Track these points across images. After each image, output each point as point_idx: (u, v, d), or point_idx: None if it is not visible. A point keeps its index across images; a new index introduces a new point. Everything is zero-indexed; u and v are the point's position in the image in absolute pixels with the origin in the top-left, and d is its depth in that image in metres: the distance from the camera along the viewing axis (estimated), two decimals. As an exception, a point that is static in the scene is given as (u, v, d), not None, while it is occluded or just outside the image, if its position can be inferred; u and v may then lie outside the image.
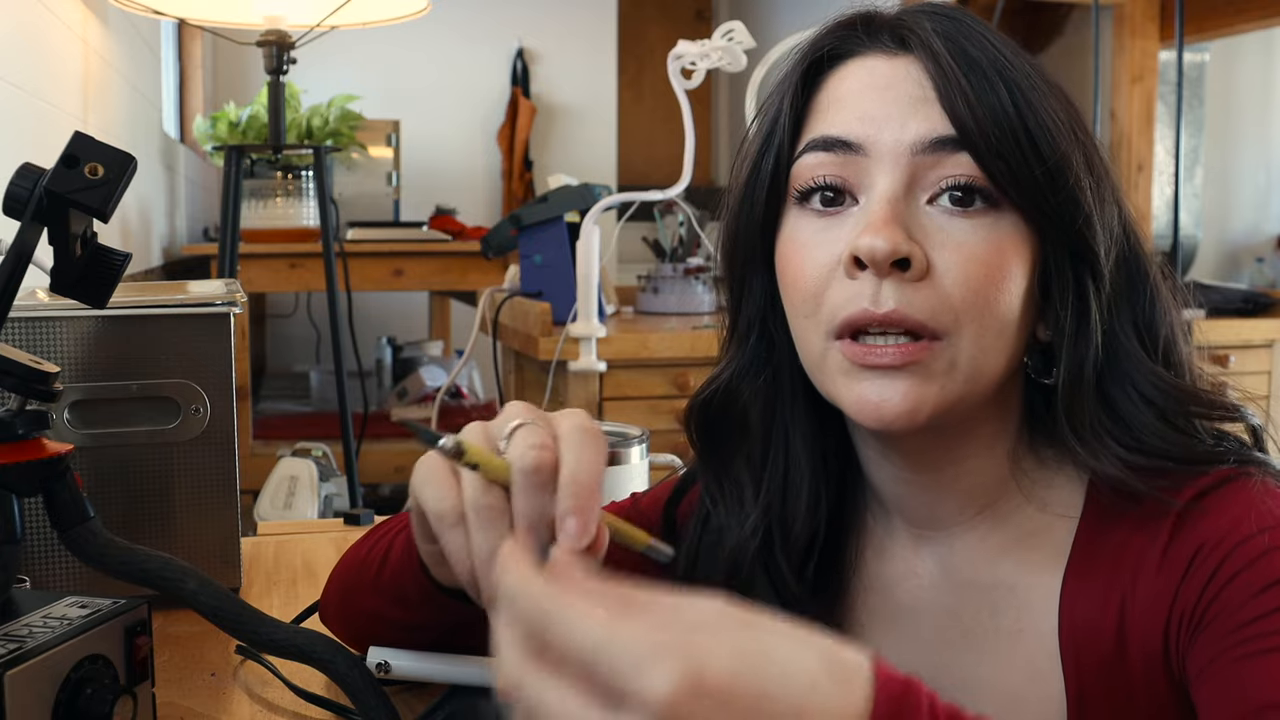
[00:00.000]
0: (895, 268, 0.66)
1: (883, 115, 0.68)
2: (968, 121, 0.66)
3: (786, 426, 0.76)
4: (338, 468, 2.54)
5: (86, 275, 0.74)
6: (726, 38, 1.72)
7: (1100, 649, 0.67)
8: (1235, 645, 0.60)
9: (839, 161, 0.69)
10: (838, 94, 0.71)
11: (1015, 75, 0.67)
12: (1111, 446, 0.67)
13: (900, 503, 0.76)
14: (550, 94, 4.80)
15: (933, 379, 0.67)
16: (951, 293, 0.66)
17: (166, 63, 3.62)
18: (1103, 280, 0.69)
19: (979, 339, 0.67)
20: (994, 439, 0.72)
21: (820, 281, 0.69)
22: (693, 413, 0.79)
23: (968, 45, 0.68)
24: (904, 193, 0.67)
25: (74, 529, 0.70)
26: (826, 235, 0.69)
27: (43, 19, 1.69)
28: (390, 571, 0.74)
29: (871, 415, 0.67)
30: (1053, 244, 0.68)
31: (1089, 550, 0.69)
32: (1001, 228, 0.67)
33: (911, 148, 0.67)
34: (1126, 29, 4.22)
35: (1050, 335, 0.70)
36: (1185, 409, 0.69)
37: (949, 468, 0.73)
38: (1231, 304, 3.20)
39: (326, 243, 2.40)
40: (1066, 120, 0.68)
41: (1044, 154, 0.66)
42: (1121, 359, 0.69)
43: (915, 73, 0.68)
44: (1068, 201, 0.67)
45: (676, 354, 2.46)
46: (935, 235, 0.67)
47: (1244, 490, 0.65)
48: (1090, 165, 0.69)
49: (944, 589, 0.75)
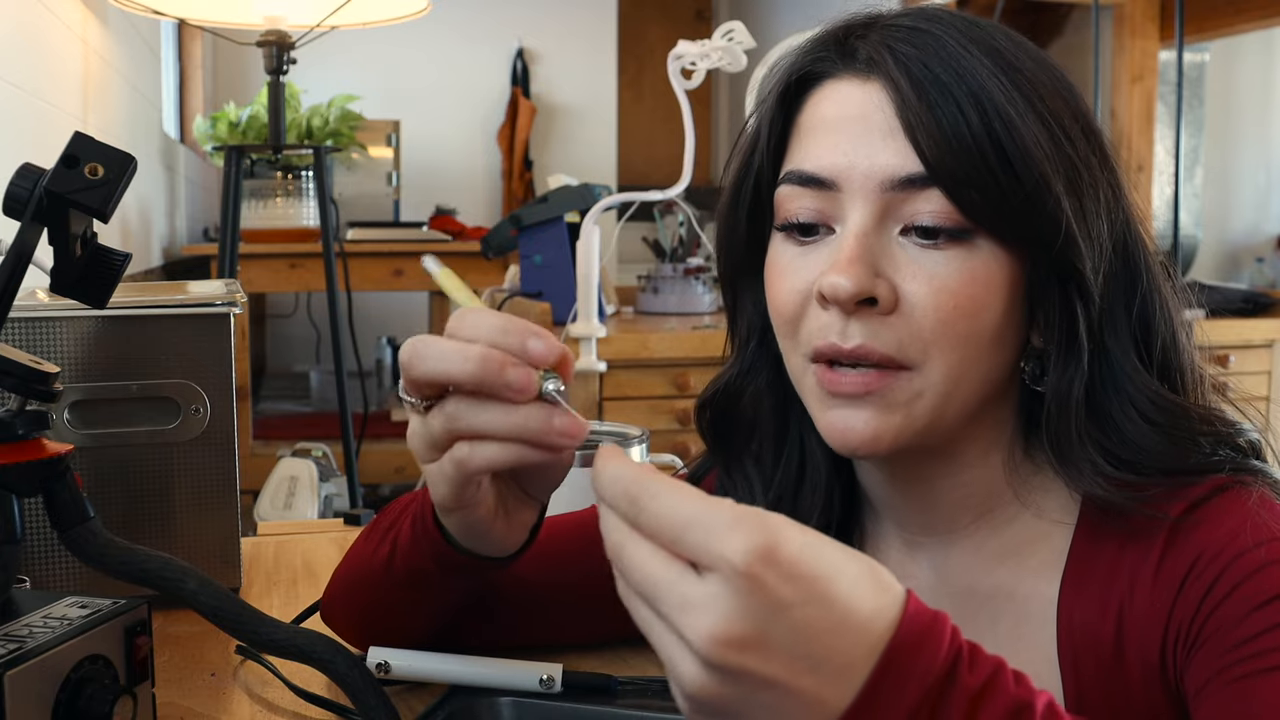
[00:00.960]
0: (862, 304, 0.66)
1: (853, 149, 0.67)
2: (934, 155, 0.65)
3: (801, 422, 0.77)
4: (338, 468, 2.54)
5: (86, 275, 0.74)
6: (726, 38, 1.71)
7: (1099, 657, 0.67)
8: (1234, 664, 0.60)
9: (814, 195, 0.69)
10: (813, 121, 0.70)
11: (992, 94, 0.65)
12: (1100, 465, 0.67)
13: (893, 510, 0.76)
14: (550, 94, 4.80)
15: (894, 409, 0.67)
16: (922, 324, 0.66)
17: (166, 63, 3.62)
18: (1090, 296, 0.67)
19: (952, 369, 0.66)
20: (987, 450, 0.72)
21: (796, 309, 0.69)
22: (700, 411, 0.81)
23: (937, 67, 0.66)
24: (875, 226, 0.67)
25: (74, 529, 0.70)
26: (803, 262, 0.69)
27: (43, 19, 1.69)
28: (402, 558, 0.74)
29: (838, 441, 0.69)
30: (1034, 264, 0.67)
31: (1085, 558, 0.69)
32: (977, 256, 0.66)
33: (881, 185, 0.66)
34: (1126, 29, 4.23)
35: (1044, 343, 0.69)
36: (1180, 424, 0.68)
37: (940, 480, 0.73)
38: (1231, 304, 3.20)
39: (326, 243, 2.40)
40: (1048, 135, 0.66)
41: (1020, 178, 0.65)
42: (1116, 374, 0.68)
43: (883, 102, 0.67)
44: (1047, 224, 0.65)
45: (676, 354, 2.46)
46: (907, 267, 0.66)
47: (1239, 501, 0.65)
48: (1075, 182, 0.66)
49: (940, 595, 0.74)
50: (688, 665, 0.45)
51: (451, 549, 0.70)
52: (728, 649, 0.44)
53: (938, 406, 0.67)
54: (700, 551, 0.45)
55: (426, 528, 0.71)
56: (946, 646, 0.46)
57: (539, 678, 0.76)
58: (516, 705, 0.77)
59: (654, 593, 0.46)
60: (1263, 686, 0.58)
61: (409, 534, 0.73)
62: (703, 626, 0.44)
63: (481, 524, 0.66)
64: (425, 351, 0.60)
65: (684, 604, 0.45)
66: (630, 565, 0.47)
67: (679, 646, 0.45)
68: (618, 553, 0.48)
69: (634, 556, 0.47)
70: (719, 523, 0.45)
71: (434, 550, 0.71)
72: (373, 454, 3.16)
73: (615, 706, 0.77)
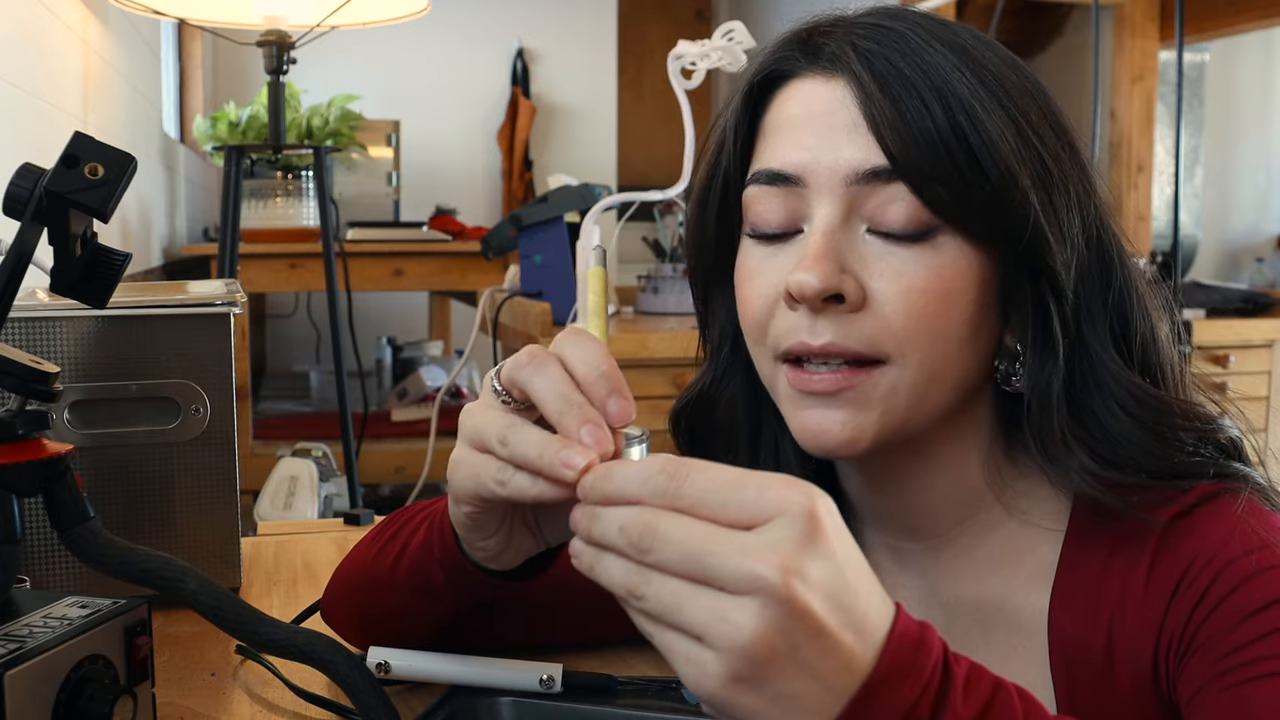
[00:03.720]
0: (830, 301, 0.65)
1: (818, 144, 0.67)
2: (898, 149, 0.64)
3: (775, 430, 0.77)
4: (338, 468, 2.54)
5: (86, 275, 0.74)
6: (726, 38, 1.71)
7: (1090, 667, 0.67)
8: (1226, 672, 0.60)
9: (781, 194, 0.68)
10: (779, 121, 0.70)
11: (956, 88, 0.65)
12: (1084, 461, 0.66)
13: (874, 515, 0.76)
14: (550, 94, 4.80)
15: (870, 406, 0.67)
16: (892, 320, 0.65)
17: (166, 63, 3.61)
18: (1063, 292, 0.67)
19: (924, 364, 0.66)
20: (963, 450, 0.71)
21: (765, 310, 0.69)
22: (676, 418, 0.81)
23: (901, 62, 0.65)
24: (842, 223, 0.66)
25: (74, 529, 0.70)
26: (771, 264, 0.69)
27: (43, 19, 1.69)
28: (408, 563, 0.73)
29: (813, 443, 0.68)
30: (1005, 260, 0.67)
31: (1075, 567, 0.69)
32: (944, 252, 0.66)
33: (846, 179, 0.66)
34: (1126, 29, 4.22)
35: (1017, 345, 0.69)
36: (1163, 420, 0.67)
37: (915, 480, 0.72)
38: (1231, 304, 3.20)
39: (326, 243, 2.40)
40: (1015, 130, 0.65)
41: (986, 172, 0.64)
42: (1096, 369, 0.68)
43: (848, 98, 0.67)
44: (1014, 219, 0.65)
45: (676, 354, 2.46)
46: (874, 264, 0.66)
47: (1228, 508, 0.65)
48: (1044, 177, 0.66)
49: (931, 605, 0.74)
50: (746, 612, 0.44)
51: (463, 558, 0.69)
52: (800, 582, 0.44)
53: (913, 402, 0.67)
54: (760, 505, 0.46)
55: (437, 543, 0.70)
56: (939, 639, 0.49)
57: (539, 678, 0.76)
58: (516, 705, 0.77)
59: (707, 550, 0.46)
60: (1256, 694, 0.58)
61: (420, 541, 0.72)
62: (775, 560, 0.44)
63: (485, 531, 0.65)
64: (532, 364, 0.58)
65: (746, 550, 0.45)
66: (670, 538, 0.46)
67: (731, 600, 0.45)
68: (649, 531, 0.47)
69: (674, 526, 0.47)
70: (772, 479, 0.47)
71: (446, 563, 0.70)
72: (373, 454, 3.15)
73: (615, 706, 0.76)
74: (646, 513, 0.48)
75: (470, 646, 0.80)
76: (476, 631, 0.82)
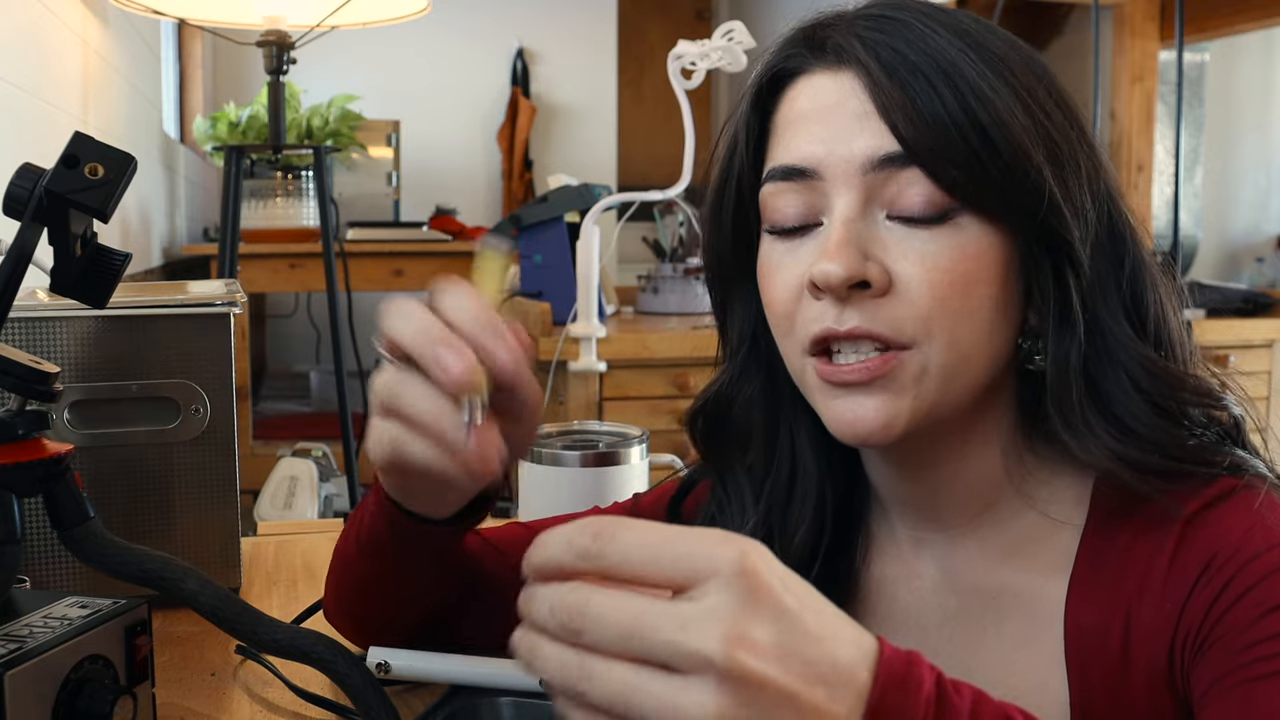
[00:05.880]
0: (855, 289, 0.66)
1: (830, 136, 0.68)
2: (910, 135, 0.65)
3: (792, 429, 0.77)
4: (338, 468, 2.54)
5: (86, 275, 0.74)
6: (726, 38, 1.71)
7: (1105, 660, 0.67)
8: (1242, 667, 0.59)
9: (797, 188, 0.69)
10: (789, 117, 0.71)
11: (964, 70, 0.65)
12: (1102, 436, 0.66)
13: (899, 502, 0.76)
14: (550, 94, 4.80)
15: (904, 391, 0.67)
16: (918, 303, 0.66)
17: (166, 63, 3.61)
18: (1081, 267, 0.68)
19: (953, 345, 0.66)
20: (989, 437, 0.72)
21: (790, 303, 0.69)
22: (693, 420, 0.81)
23: (907, 49, 0.66)
24: (861, 211, 0.67)
25: (74, 529, 0.70)
26: (793, 258, 0.70)
27: (43, 19, 1.69)
28: (363, 530, 0.77)
29: (848, 432, 0.68)
30: (1023, 238, 0.67)
31: (1094, 558, 0.69)
32: (965, 233, 0.66)
33: (861, 167, 0.67)
34: (1126, 29, 4.23)
35: (1039, 319, 0.70)
36: (1174, 394, 0.68)
37: (945, 465, 0.72)
38: (1231, 304, 3.21)
39: (326, 243, 2.40)
40: (1023, 107, 0.66)
41: (999, 150, 0.65)
42: (1110, 344, 0.68)
43: (857, 88, 0.67)
44: (1030, 195, 0.66)
45: (676, 354, 2.46)
46: (896, 248, 0.66)
47: (1250, 503, 0.65)
48: (1055, 153, 0.67)
49: (946, 592, 0.74)
50: (699, 694, 0.42)
51: (397, 510, 0.72)
52: (747, 653, 0.41)
53: (943, 383, 0.67)
54: (690, 564, 0.43)
55: (380, 504, 0.73)
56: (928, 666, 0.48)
57: (539, 677, 0.76)
58: (516, 705, 0.77)
59: (642, 627, 0.42)
60: (1270, 691, 0.58)
61: (372, 505, 0.75)
62: (715, 633, 0.41)
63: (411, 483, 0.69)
64: (393, 310, 0.61)
65: (684, 622, 0.42)
66: (602, 616, 0.43)
67: (681, 683, 0.42)
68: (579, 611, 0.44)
69: (605, 604, 0.43)
70: (701, 536, 0.44)
71: (386, 513, 0.73)
72: (373, 454, 3.15)
73: (615, 706, 0.76)
74: (577, 591, 0.44)
75: (470, 647, 0.80)
76: (477, 632, 0.82)
